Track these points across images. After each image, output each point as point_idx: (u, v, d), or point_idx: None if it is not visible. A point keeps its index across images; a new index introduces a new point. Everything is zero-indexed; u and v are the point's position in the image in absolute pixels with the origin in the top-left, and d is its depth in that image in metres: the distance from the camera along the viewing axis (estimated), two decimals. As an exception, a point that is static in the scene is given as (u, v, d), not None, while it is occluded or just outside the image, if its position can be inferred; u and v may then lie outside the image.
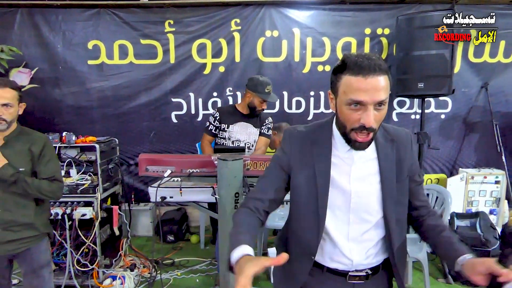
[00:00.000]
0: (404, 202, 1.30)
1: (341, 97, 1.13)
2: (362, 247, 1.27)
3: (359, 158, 1.24)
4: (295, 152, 1.28)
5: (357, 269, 1.30)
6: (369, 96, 1.06)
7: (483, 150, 4.41)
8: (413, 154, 1.34)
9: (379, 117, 1.12)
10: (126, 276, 3.12)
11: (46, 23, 4.04)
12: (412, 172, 1.32)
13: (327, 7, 4.14)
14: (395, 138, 1.29)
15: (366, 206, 1.24)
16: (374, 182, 1.24)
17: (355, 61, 1.08)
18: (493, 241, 3.36)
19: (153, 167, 2.25)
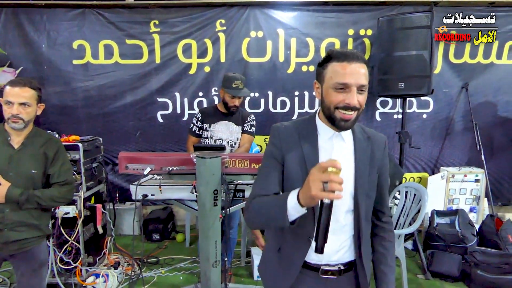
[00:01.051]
0: (372, 196, 1.39)
1: (327, 83, 1.25)
2: (335, 239, 1.32)
3: (338, 146, 1.34)
4: (285, 145, 1.34)
5: (328, 264, 1.35)
6: (354, 79, 1.20)
7: (463, 149, 4.51)
8: (384, 157, 1.43)
9: (362, 100, 1.24)
10: (109, 274, 3.15)
11: (31, 23, 4.05)
12: (382, 173, 1.41)
13: (310, 8, 4.20)
14: (371, 136, 1.40)
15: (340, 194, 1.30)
16: (349, 171, 1.32)
17: (340, 51, 1.25)
18: (471, 238, 3.46)
19: (133, 165, 2.28)
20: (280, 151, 1.34)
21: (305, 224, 1.31)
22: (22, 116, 1.96)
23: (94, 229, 3.29)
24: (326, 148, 1.33)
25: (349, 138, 1.37)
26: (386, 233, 1.47)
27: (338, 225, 1.32)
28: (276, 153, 1.35)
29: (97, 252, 3.34)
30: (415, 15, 3.62)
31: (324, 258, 1.34)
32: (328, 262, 1.36)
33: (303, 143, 1.32)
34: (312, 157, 1.30)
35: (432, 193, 4.09)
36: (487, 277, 3.09)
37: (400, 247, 2.96)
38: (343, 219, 1.33)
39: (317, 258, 1.34)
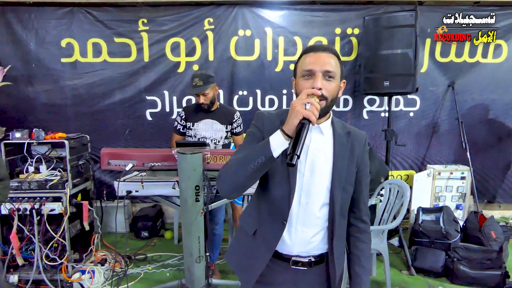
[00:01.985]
0: (350, 190, 1.39)
1: (298, 75, 1.32)
2: (306, 231, 1.35)
3: (316, 139, 1.35)
4: (267, 130, 1.34)
5: (299, 255, 1.38)
6: (318, 65, 1.25)
7: (450, 147, 4.56)
8: (364, 153, 1.44)
9: (329, 88, 1.26)
10: (95, 271, 3.16)
11: (19, 21, 4.05)
12: (361, 169, 1.42)
13: (298, 7, 4.24)
14: (352, 132, 1.41)
15: (315, 186, 1.33)
16: (326, 164, 1.34)
17: (310, 45, 1.34)
18: (454, 234, 3.49)
19: (115, 161, 2.31)
20: (262, 134, 1.35)
21: (281, 206, 1.33)
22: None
23: (80, 226, 3.30)
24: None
25: (329, 132, 1.38)
26: (361, 233, 1.47)
27: (312, 217, 1.35)
28: (258, 134, 1.36)
29: (83, 249, 3.35)
30: (400, 14, 3.66)
31: (295, 249, 1.36)
32: (299, 253, 1.37)
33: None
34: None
35: (418, 191, 4.15)
36: (470, 273, 3.14)
37: (383, 243, 3.00)
38: (317, 211, 1.34)
39: (289, 248, 1.37)
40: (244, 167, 1.22)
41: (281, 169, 1.32)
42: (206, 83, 3.01)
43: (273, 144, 1.16)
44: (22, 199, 2.95)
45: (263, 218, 1.40)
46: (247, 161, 1.21)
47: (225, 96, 4.36)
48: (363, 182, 1.45)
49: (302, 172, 1.32)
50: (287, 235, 1.36)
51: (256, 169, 1.20)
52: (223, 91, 4.33)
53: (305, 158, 1.32)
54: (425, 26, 4.24)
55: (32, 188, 3.00)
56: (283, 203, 1.33)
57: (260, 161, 1.18)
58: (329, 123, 1.39)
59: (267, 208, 1.39)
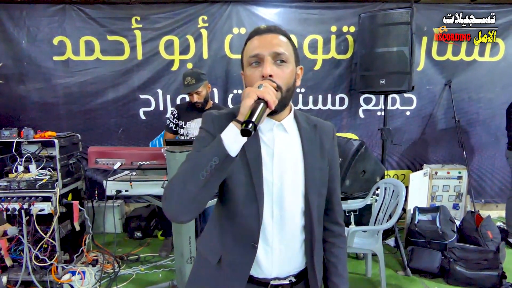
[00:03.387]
0: (324, 193, 1.23)
1: (245, 65, 1.13)
2: (284, 249, 1.16)
3: (281, 138, 1.16)
4: (219, 129, 1.07)
5: (278, 277, 1.18)
6: (265, 47, 1.07)
7: (447, 146, 4.53)
8: (333, 146, 1.27)
9: (281, 73, 1.08)
10: (86, 272, 3.11)
11: (10, 19, 4.00)
12: (332, 165, 1.25)
13: (293, 4, 4.19)
14: (318, 125, 1.24)
15: (288, 194, 1.14)
16: (297, 167, 1.16)
17: (254, 29, 1.14)
18: (450, 234, 3.45)
19: (103, 160, 2.26)
20: (213, 137, 1.09)
21: (249, 226, 1.13)
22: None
23: (71, 227, 3.25)
24: (266, 140, 1.15)
25: (293, 129, 1.19)
26: (337, 238, 1.31)
27: (289, 232, 1.16)
28: (208, 139, 1.11)
29: (74, 249, 3.30)
30: (396, 11, 3.62)
31: (273, 271, 1.17)
32: (278, 275, 1.18)
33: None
34: (253, 149, 1.12)
35: (414, 190, 4.11)
36: (466, 273, 3.09)
37: (378, 243, 2.95)
38: (294, 223, 1.16)
39: (266, 272, 1.16)
40: (194, 177, 0.98)
41: (245, 181, 1.11)
42: (198, 80, 2.97)
43: (226, 139, 0.97)
44: (10, 199, 2.89)
45: (228, 243, 1.17)
46: (197, 168, 0.98)
47: (219, 95, 4.31)
48: (336, 179, 1.29)
49: (270, 181, 1.12)
50: (263, 257, 1.15)
51: (210, 176, 0.97)
52: (218, 89, 4.28)
53: (271, 163, 1.13)
54: (422, 24, 4.21)
55: (21, 188, 2.94)
56: (251, 222, 1.12)
57: (214, 164, 0.96)
58: (291, 118, 1.20)
59: (232, 230, 1.17)
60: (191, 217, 1.08)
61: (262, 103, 0.96)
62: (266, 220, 1.13)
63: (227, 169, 0.99)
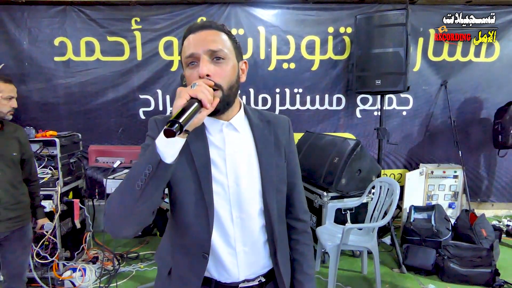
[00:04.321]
0: (283, 190, 1.18)
1: (184, 66, 1.07)
2: (249, 251, 1.13)
3: (232, 138, 1.11)
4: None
5: (247, 279, 1.14)
6: (199, 45, 1.00)
7: (443, 145, 4.57)
8: (290, 141, 1.23)
9: (221, 71, 1.02)
10: (86, 269, 3.17)
11: (12, 20, 4.06)
12: (290, 160, 1.21)
13: (291, 6, 4.25)
14: (272, 120, 1.20)
15: (245, 195, 1.10)
16: (252, 166, 1.12)
17: (188, 27, 1.07)
18: (445, 232, 3.51)
19: (103, 158, 2.31)
20: None
21: (200, 236, 1.08)
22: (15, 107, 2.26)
23: (72, 224, 3.31)
24: (217, 142, 1.10)
25: (245, 127, 1.14)
26: (300, 235, 1.26)
27: (251, 233, 1.12)
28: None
29: (75, 247, 3.36)
30: (391, 12, 3.67)
31: (241, 274, 1.12)
32: (246, 277, 1.14)
33: (188, 139, 1.03)
34: (201, 155, 1.07)
35: (410, 189, 4.17)
36: (460, 270, 3.14)
37: (373, 241, 3.00)
38: (254, 224, 1.12)
39: (234, 276, 1.12)
40: (130, 188, 0.91)
41: (194, 189, 1.06)
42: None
43: (160, 145, 0.90)
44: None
45: (177, 255, 1.13)
46: (132, 179, 0.91)
47: (218, 95, 4.35)
48: (296, 174, 1.23)
49: (225, 184, 1.08)
50: (229, 261, 1.11)
51: (145, 186, 0.90)
52: (216, 90, 4.33)
53: (225, 165, 1.08)
54: (418, 25, 4.26)
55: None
56: (201, 231, 1.07)
57: (148, 172, 0.89)
58: (242, 116, 1.15)
59: (181, 241, 1.12)
60: (132, 232, 0.99)
61: (195, 103, 0.89)
62: (226, 223, 1.09)
63: (163, 177, 0.93)
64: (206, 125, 1.10)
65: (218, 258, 1.11)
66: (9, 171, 2.23)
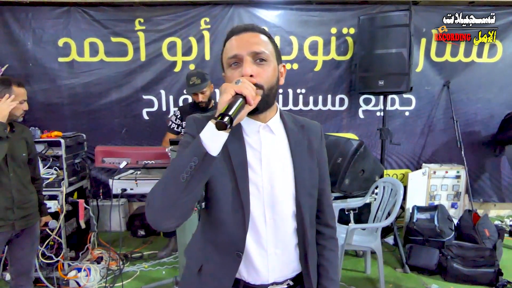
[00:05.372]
0: (315, 194, 1.19)
1: (225, 66, 1.11)
2: (280, 253, 1.13)
3: (268, 140, 1.13)
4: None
5: (276, 282, 1.14)
6: (243, 47, 1.04)
7: (445, 146, 4.59)
8: (322, 147, 1.24)
9: (262, 72, 1.05)
10: (91, 269, 3.18)
11: (16, 21, 4.07)
12: (321, 166, 1.22)
13: (294, 7, 4.26)
14: (306, 125, 1.22)
15: (279, 197, 1.11)
16: (286, 169, 1.13)
17: (231, 29, 1.11)
18: (448, 232, 3.52)
19: (109, 159, 2.33)
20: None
21: (234, 234, 1.08)
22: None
23: (76, 224, 3.32)
24: (253, 143, 1.12)
25: (280, 130, 1.16)
26: (328, 241, 1.27)
27: (283, 235, 1.13)
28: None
29: (80, 247, 3.38)
30: (394, 13, 3.69)
31: (271, 276, 1.12)
32: (276, 280, 1.14)
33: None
34: (238, 154, 1.09)
35: (413, 189, 4.18)
36: (463, 270, 3.16)
37: (377, 241, 3.02)
38: (287, 226, 1.13)
39: (263, 278, 1.12)
40: (175, 180, 0.93)
41: (231, 187, 1.07)
42: (203, 80, 3.05)
43: (205, 138, 0.93)
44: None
45: (210, 251, 1.14)
46: (177, 171, 0.94)
47: (221, 96, 4.37)
48: (325, 180, 1.25)
49: (259, 184, 1.09)
50: (259, 262, 1.11)
51: (191, 178, 0.92)
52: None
53: (260, 166, 1.10)
54: (421, 26, 4.27)
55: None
56: (237, 230, 1.08)
57: (193, 164, 0.91)
58: (277, 119, 1.16)
59: (215, 238, 1.13)
60: (174, 223, 1.00)
61: (240, 98, 0.93)
62: (259, 225, 1.09)
63: (208, 170, 0.95)
64: (243, 126, 1.12)
65: (249, 258, 1.11)
66: (20, 171, 2.29)
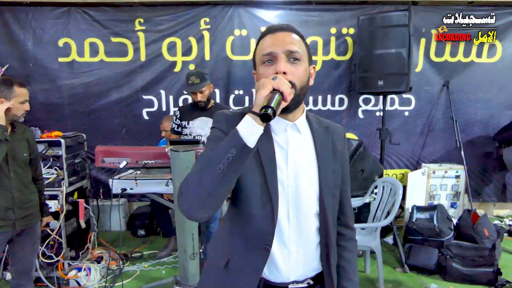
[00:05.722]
0: (337, 195, 1.21)
1: (258, 63, 1.12)
2: (301, 251, 1.14)
3: (294, 139, 1.14)
4: (232, 127, 1.03)
5: (296, 281, 1.15)
6: (278, 45, 1.06)
7: (445, 145, 4.60)
8: (345, 149, 1.26)
9: (296, 72, 1.07)
10: (92, 268, 3.19)
11: (16, 21, 4.08)
12: (344, 168, 1.25)
13: (293, 7, 4.27)
14: (330, 127, 1.24)
15: (303, 195, 1.12)
16: (311, 169, 1.14)
17: (266, 28, 1.13)
18: (447, 232, 3.53)
19: (109, 159, 2.34)
20: (226, 135, 1.04)
21: (263, 229, 1.09)
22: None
23: (76, 224, 3.33)
24: (280, 141, 1.13)
25: (306, 130, 1.18)
26: (348, 242, 1.28)
27: (306, 234, 1.14)
28: (222, 137, 1.08)
29: (80, 246, 3.39)
30: (394, 13, 3.69)
31: (291, 274, 1.14)
32: (296, 279, 1.14)
33: None
34: (267, 150, 1.10)
35: (412, 189, 4.18)
36: (462, 270, 3.17)
37: (376, 240, 3.03)
38: (310, 225, 1.14)
39: (284, 276, 1.13)
40: (211, 170, 0.94)
41: (259, 182, 1.09)
42: (202, 80, 3.06)
43: (243, 131, 0.93)
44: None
45: (237, 246, 1.14)
46: (213, 162, 0.94)
47: (221, 95, 4.39)
48: (346, 182, 1.27)
49: (285, 182, 1.11)
50: (280, 259, 1.12)
51: (228, 169, 0.93)
52: (219, 90, 4.37)
53: (286, 164, 1.11)
54: (420, 26, 4.28)
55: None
56: (265, 224, 1.09)
57: (231, 155, 0.92)
58: (304, 119, 1.19)
59: (243, 232, 1.14)
60: (207, 214, 1.02)
61: (278, 94, 0.94)
62: (282, 222, 1.10)
63: (244, 162, 0.95)
64: (271, 124, 1.13)
65: (271, 256, 1.11)
66: (21, 172, 2.30)
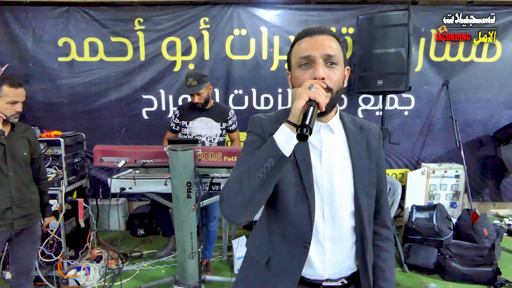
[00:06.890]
0: (373, 194, 1.21)
1: (293, 66, 1.12)
2: (336, 249, 1.15)
3: (328, 140, 1.16)
4: (269, 132, 1.12)
5: (330, 279, 1.16)
6: (316, 49, 1.06)
7: (444, 145, 4.59)
8: (380, 148, 1.25)
9: (333, 76, 1.07)
10: (91, 267, 3.20)
11: (16, 21, 4.09)
12: (380, 166, 1.25)
13: (293, 6, 4.27)
14: (364, 126, 1.24)
15: (338, 195, 1.13)
16: (345, 168, 1.15)
17: (303, 30, 1.13)
18: (446, 231, 3.53)
19: (108, 158, 2.34)
20: (263, 140, 1.12)
21: (300, 227, 1.12)
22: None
23: (76, 223, 3.34)
24: (314, 142, 1.15)
25: (340, 130, 1.19)
26: (385, 241, 1.28)
27: (340, 232, 1.15)
28: (259, 141, 1.13)
29: (79, 246, 3.39)
30: (393, 13, 3.69)
31: (326, 272, 1.15)
32: (330, 277, 1.16)
33: None
34: (301, 150, 1.11)
35: (412, 189, 4.18)
36: (461, 269, 3.17)
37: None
38: (345, 224, 1.15)
39: (318, 273, 1.15)
40: (251, 179, 0.99)
41: (295, 182, 1.11)
42: (200, 82, 3.04)
43: (279, 140, 0.97)
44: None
45: (278, 243, 1.17)
46: (253, 171, 0.99)
47: (220, 95, 4.39)
48: (383, 181, 1.27)
49: (320, 182, 1.12)
50: (315, 257, 1.14)
51: (267, 177, 0.98)
52: (219, 90, 4.37)
53: (320, 164, 1.13)
54: (420, 25, 4.27)
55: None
56: (303, 222, 1.11)
57: (269, 165, 0.97)
58: (337, 119, 1.19)
59: (282, 231, 1.16)
60: (248, 218, 1.08)
61: (314, 105, 0.95)
62: (317, 220, 1.12)
63: (282, 170, 0.99)
64: None
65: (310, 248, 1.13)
66: (21, 171, 2.30)
